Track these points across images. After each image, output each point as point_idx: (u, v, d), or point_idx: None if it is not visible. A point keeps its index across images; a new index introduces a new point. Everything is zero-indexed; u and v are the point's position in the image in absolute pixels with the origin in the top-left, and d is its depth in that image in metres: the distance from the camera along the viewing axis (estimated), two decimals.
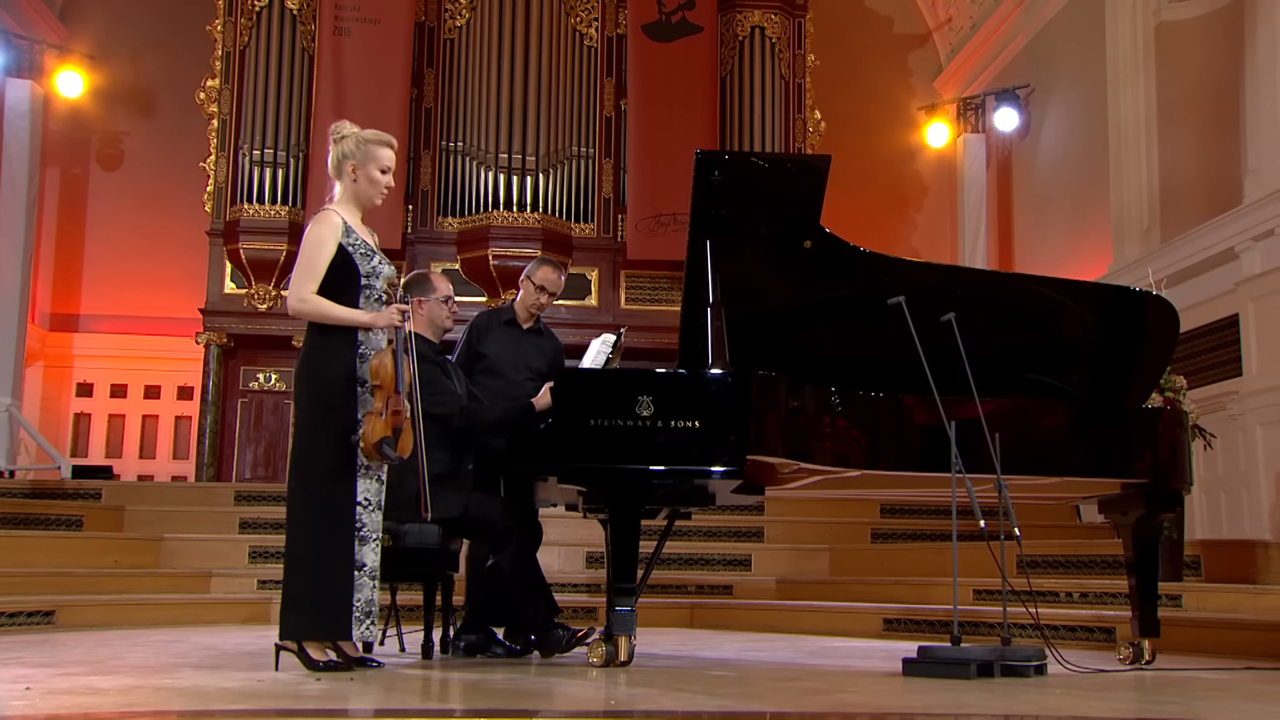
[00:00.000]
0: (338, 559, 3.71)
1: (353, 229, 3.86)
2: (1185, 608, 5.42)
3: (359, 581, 3.75)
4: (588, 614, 6.64)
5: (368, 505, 3.81)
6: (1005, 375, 4.27)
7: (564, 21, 10.76)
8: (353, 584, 3.73)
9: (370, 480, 3.83)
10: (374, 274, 3.85)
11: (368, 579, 3.77)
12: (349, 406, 3.77)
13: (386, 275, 3.87)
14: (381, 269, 3.87)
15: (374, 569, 3.80)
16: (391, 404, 3.74)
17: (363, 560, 3.77)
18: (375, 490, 3.84)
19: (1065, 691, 3.43)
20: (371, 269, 3.85)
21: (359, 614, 3.74)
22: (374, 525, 3.82)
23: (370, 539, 3.80)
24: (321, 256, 3.80)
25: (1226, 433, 6.97)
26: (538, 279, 4.91)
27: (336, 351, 3.81)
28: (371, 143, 3.93)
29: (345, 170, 3.92)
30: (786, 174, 4.23)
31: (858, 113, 11.93)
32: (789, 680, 3.82)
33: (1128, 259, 8.50)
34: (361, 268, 3.83)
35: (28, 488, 8.56)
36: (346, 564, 3.72)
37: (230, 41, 10.39)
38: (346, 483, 3.76)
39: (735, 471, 3.73)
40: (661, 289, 10.59)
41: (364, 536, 3.78)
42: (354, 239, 3.85)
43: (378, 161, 3.92)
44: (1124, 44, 8.78)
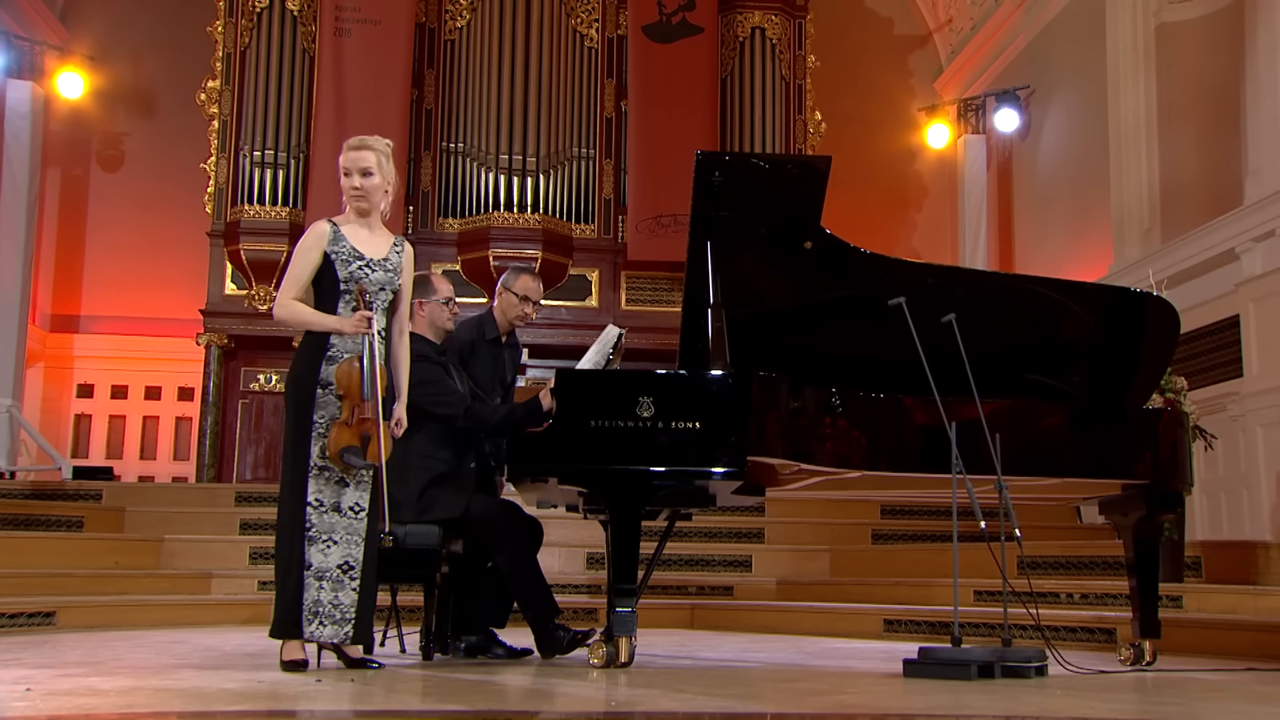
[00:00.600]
0: (291, 559, 3.77)
1: (343, 236, 3.92)
2: (1186, 609, 5.42)
3: (306, 582, 3.76)
4: (588, 615, 6.64)
5: (319, 506, 3.81)
6: (1006, 376, 4.27)
7: (564, 22, 10.76)
8: (302, 584, 3.75)
9: (325, 482, 3.82)
10: (351, 279, 3.88)
11: (313, 579, 3.77)
12: (311, 409, 3.82)
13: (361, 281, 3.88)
14: (360, 274, 3.89)
15: (323, 569, 3.78)
16: (358, 412, 3.77)
17: (310, 560, 3.76)
18: (332, 492, 3.83)
19: (1066, 692, 3.43)
20: (349, 274, 3.88)
21: (307, 614, 3.75)
22: (324, 526, 3.80)
23: (319, 540, 3.79)
24: (303, 264, 3.90)
25: (1227, 434, 6.96)
26: (519, 289, 4.87)
27: (309, 355, 3.88)
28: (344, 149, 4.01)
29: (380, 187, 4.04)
30: (787, 175, 4.23)
31: (858, 114, 11.94)
32: (789, 681, 3.81)
33: (1128, 260, 8.50)
34: (340, 274, 3.88)
35: (28, 489, 8.56)
36: (298, 564, 3.76)
37: (231, 43, 10.39)
38: (301, 484, 3.81)
39: (736, 472, 3.73)
40: (662, 290, 10.59)
41: (312, 537, 3.78)
42: (340, 245, 3.90)
43: (342, 166, 3.99)
44: (1124, 45, 8.78)
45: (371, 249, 3.97)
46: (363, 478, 3.86)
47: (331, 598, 3.78)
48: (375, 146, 4.01)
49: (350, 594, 3.80)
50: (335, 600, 3.79)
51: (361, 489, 3.87)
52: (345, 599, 3.80)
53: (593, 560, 7.62)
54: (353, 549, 3.83)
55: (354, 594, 3.81)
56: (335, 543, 3.81)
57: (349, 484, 3.85)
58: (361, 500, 3.87)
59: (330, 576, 3.79)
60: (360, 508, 3.86)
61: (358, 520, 3.85)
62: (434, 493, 4.40)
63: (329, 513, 3.82)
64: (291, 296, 3.90)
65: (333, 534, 3.81)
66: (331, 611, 3.78)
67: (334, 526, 3.82)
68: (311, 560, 3.78)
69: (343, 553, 3.81)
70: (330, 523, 3.82)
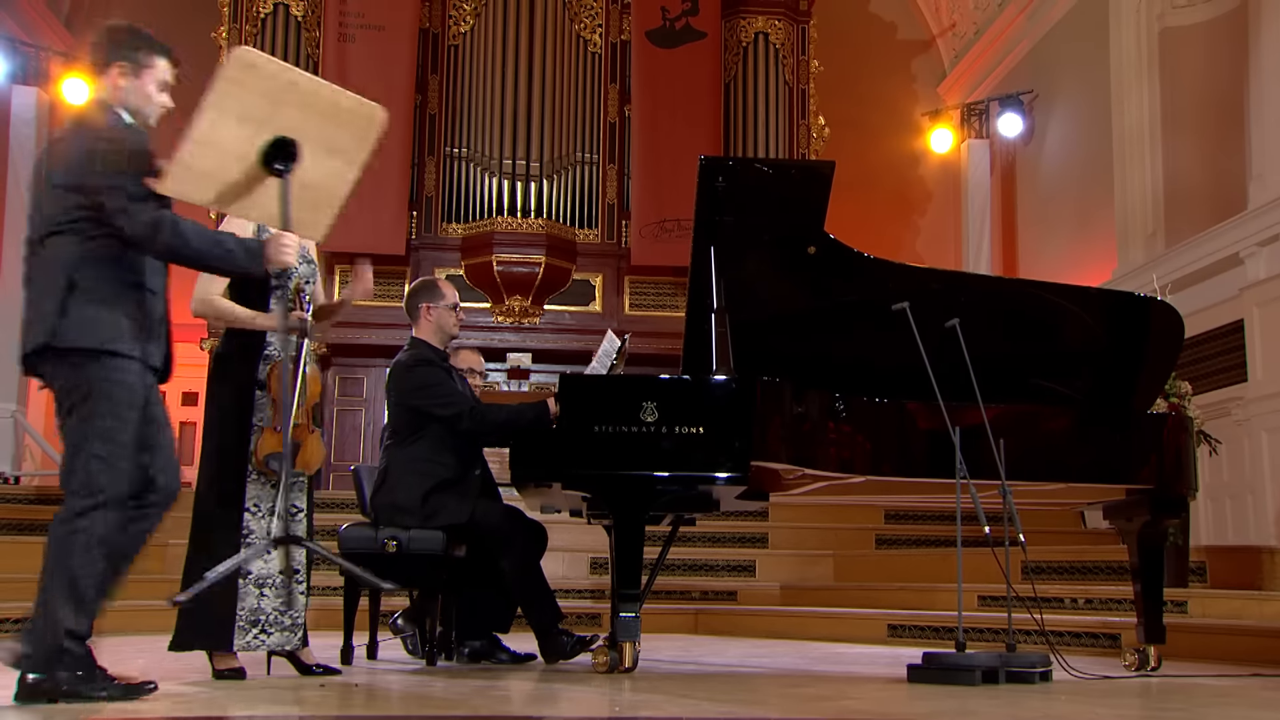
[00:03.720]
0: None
1: (266, 228, 3.66)
2: (1190, 614, 5.41)
3: (244, 589, 3.65)
4: (592, 620, 6.64)
5: (256, 512, 3.71)
6: (1009, 381, 4.27)
7: (568, 28, 10.78)
8: (237, 592, 3.63)
9: (261, 486, 3.73)
10: (285, 275, 3.66)
11: (254, 587, 3.68)
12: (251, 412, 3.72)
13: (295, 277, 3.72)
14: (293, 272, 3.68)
15: (264, 577, 3.69)
16: (278, 417, 3.66)
17: (246, 568, 3.64)
18: (269, 496, 3.73)
19: (1070, 698, 3.42)
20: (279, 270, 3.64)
21: (243, 623, 3.64)
22: (263, 531, 3.69)
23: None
24: None
25: (1232, 438, 6.96)
26: (461, 363, 4.94)
27: (245, 354, 3.77)
28: None
29: None
30: (790, 180, 4.22)
31: (862, 118, 11.94)
32: (793, 686, 3.81)
33: (1132, 264, 8.49)
34: None
35: (33, 493, 8.57)
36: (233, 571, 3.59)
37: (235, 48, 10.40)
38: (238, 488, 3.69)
39: (740, 477, 3.73)
40: (665, 295, 10.60)
41: (250, 543, 3.66)
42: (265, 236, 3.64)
43: None
44: (1128, 50, 8.79)
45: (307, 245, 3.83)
46: (297, 477, 3.76)
47: (277, 605, 3.68)
48: None
49: (299, 599, 3.71)
50: (282, 607, 3.69)
51: (297, 490, 3.77)
52: (293, 605, 3.70)
53: (596, 565, 7.62)
54: (296, 553, 3.66)
55: (303, 598, 3.74)
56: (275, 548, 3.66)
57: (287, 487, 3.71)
58: (299, 501, 3.77)
59: (274, 583, 3.68)
60: (298, 508, 3.77)
61: (295, 523, 3.72)
62: (438, 498, 4.39)
63: (266, 517, 3.71)
64: (218, 291, 3.73)
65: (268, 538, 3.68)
66: (279, 619, 3.69)
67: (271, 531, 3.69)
68: (249, 567, 3.64)
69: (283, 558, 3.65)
70: (267, 527, 3.70)
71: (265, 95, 3.25)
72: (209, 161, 3.24)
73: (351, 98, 3.48)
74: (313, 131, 3.32)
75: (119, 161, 3.14)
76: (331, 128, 3.38)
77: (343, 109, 3.42)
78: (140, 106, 3.36)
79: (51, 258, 3.12)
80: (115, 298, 3.14)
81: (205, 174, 3.24)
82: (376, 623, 4.91)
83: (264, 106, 3.24)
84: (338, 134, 3.40)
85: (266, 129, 3.25)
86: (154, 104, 3.38)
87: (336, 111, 3.40)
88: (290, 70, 3.37)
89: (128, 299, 3.17)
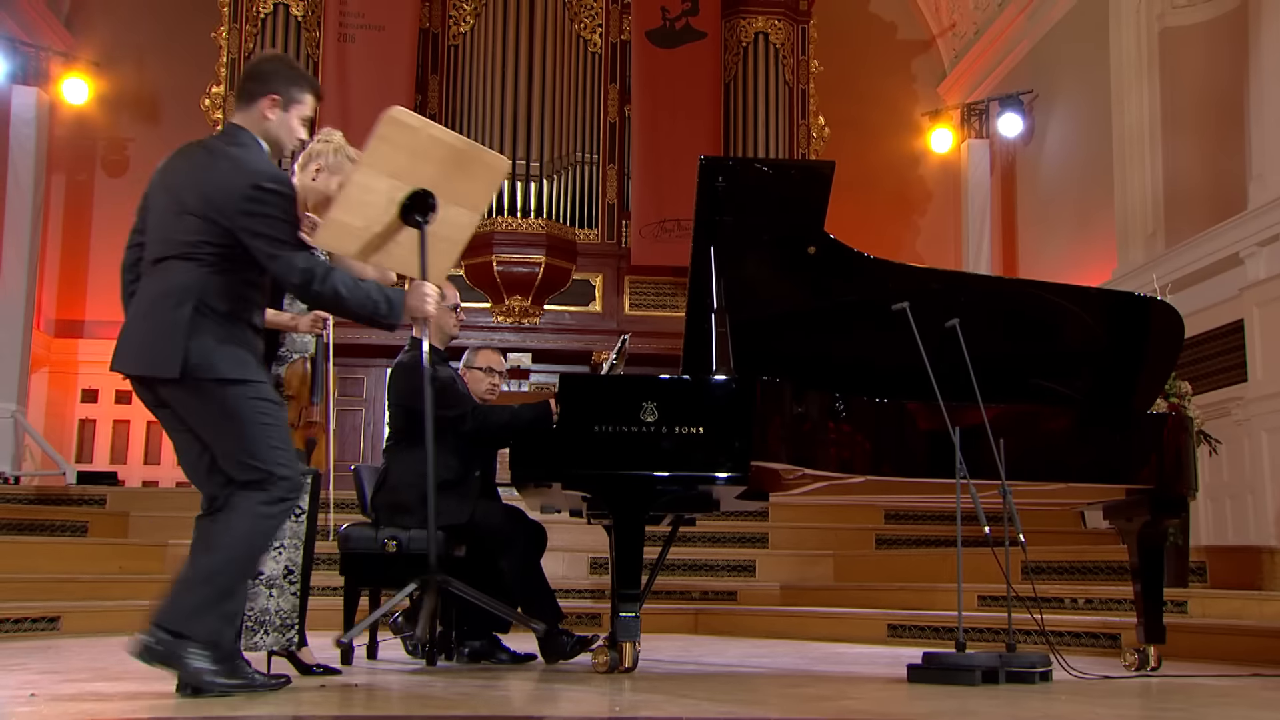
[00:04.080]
0: None
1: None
2: (1191, 614, 5.41)
3: (255, 590, 3.64)
4: (592, 620, 6.64)
5: None
6: (1009, 381, 4.27)
7: (568, 28, 10.78)
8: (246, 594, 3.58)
9: None
10: None
11: (264, 587, 3.66)
12: None
13: None
14: None
15: (272, 577, 3.67)
16: (305, 415, 3.66)
17: (259, 568, 3.61)
18: None
19: (1070, 698, 3.42)
20: None
21: (251, 624, 3.63)
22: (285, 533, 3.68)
23: (268, 547, 3.61)
24: None
25: (1232, 438, 6.96)
26: (482, 363, 4.81)
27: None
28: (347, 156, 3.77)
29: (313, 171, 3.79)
30: (790, 180, 4.22)
31: (862, 118, 11.94)
32: (793, 686, 3.81)
33: (1132, 264, 8.50)
34: None
35: (33, 494, 8.57)
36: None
37: (235, 48, 10.42)
38: None
39: (740, 477, 3.73)
40: (665, 295, 10.60)
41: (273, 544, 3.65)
42: None
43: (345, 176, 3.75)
44: (1128, 50, 8.79)
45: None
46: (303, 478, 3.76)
47: (274, 605, 3.69)
48: None
49: (291, 599, 3.71)
50: (276, 607, 3.69)
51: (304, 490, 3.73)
52: (286, 604, 3.70)
53: (596, 565, 7.62)
54: (293, 553, 3.72)
55: (294, 599, 3.73)
56: (283, 548, 3.70)
57: None
58: (302, 503, 3.75)
59: (277, 584, 3.69)
60: (301, 509, 3.75)
61: (298, 524, 3.73)
62: (439, 499, 4.39)
63: None
64: None
65: (281, 540, 3.68)
66: (273, 619, 3.68)
67: (282, 533, 3.68)
68: (261, 568, 3.64)
69: (286, 558, 3.70)
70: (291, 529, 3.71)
71: (409, 151, 3.41)
72: (356, 217, 3.39)
73: (480, 149, 3.66)
74: (445, 183, 3.48)
75: (283, 210, 3.18)
76: (462, 179, 3.54)
77: (472, 160, 3.60)
78: (282, 140, 3.38)
79: (175, 283, 3.14)
80: (239, 330, 3.20)
81: (352, 228, 3.41)
82: (376, 623, 4.91)
83: (406, 162, 3.41)
84: (467, 184, 3.57)
85: (406, 182, 3.41)
86: (294, 138, 3.41)
87: (467, 163, 3.57)
88: (431, 126, 3.53)
89: (247, 331, 3.24)
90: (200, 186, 3.19)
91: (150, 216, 3.28)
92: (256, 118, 3.33)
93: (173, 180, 3.28)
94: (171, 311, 3.12)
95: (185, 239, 3.16)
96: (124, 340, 3.21)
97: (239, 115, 3.36)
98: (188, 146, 3.41)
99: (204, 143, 3.38)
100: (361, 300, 3.24)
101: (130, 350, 3.19)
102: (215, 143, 3.33)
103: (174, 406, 3.22)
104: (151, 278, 3.20)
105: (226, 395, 3.14)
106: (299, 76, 3.41)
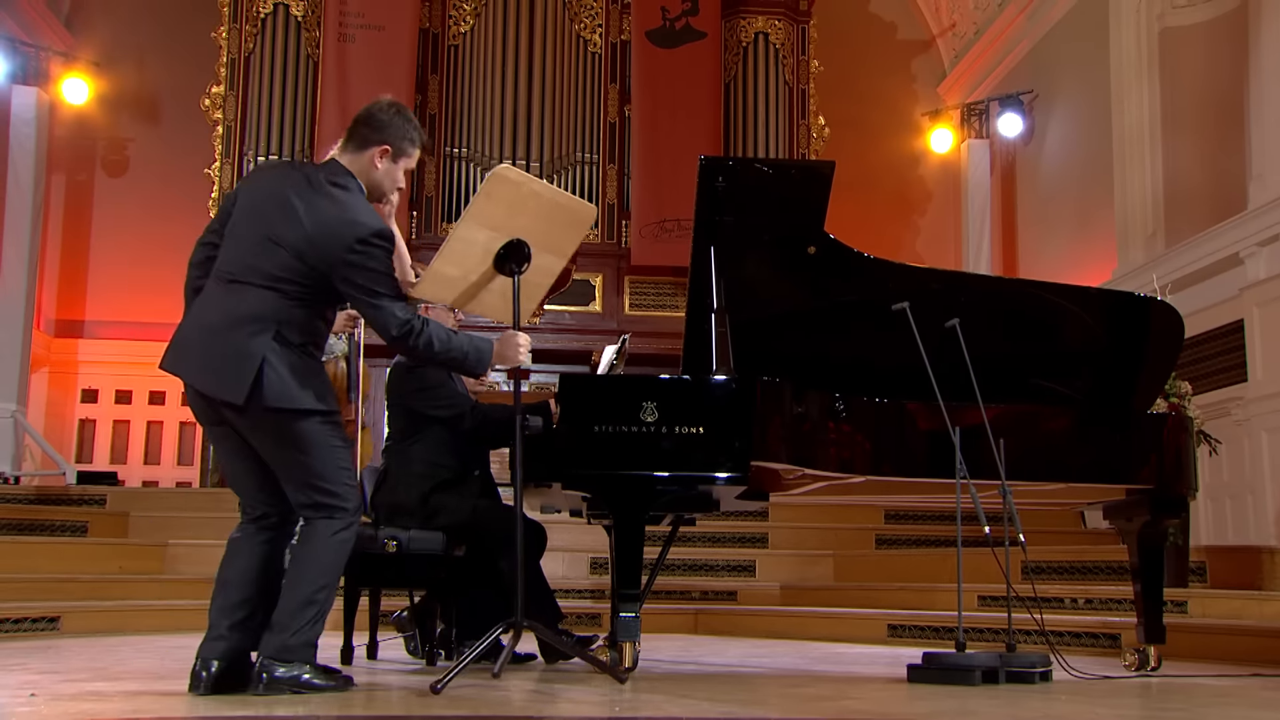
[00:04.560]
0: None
1: None
2: (1191, 614, 5.41)
3: None
4: (592, 620, 6.64)
5: None
6: (1009, 381, 4.27)
7: (568, 28, 10.79)
8: None
9: None
10: None
11: None
12: None
13: None
14: None
15: None
16: (343, 414, 3.67)
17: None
18: None
19: (1070, 698, 3.42)
20: None
21: None
22: None
23: None
24: None
25: (1232, 438, 6.96)
26: None
27: None
28: None
29: None
30: (790, 180, 4.22)
31: (862, 118, 11.94)
32: (793, 687, 3.81)
33: (1132, 264, 8.50)
34: None
35: (33, 494, 8.57)
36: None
37: (235, 48, 10.42)
38: None
39: (740, 478, 3.73)
40: (665, 294, 10.59)
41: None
42: None
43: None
44: (1128, 49, 8.79)
45: None
46: None
47: None
48: None
49: None
50: None
51: None
52: None
53: (596, 565, 7.62)
54: None
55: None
56: None
57: None
58: None
59: None
60: None
61: None
62: (438, 499, 4.40)
63: None
64: None
65: None
66: None
67: None
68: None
69: None
70: None
71: (508, 205, 3.55)
72: (456, 267, 3.54)
73: (571, 199, 3.81)
74: (538, 234, 3.61)
75: (385, 263, 3.24)
76: (553, 228, 3.68)
77: (564, 209, 3.72)
78: (384, 188, 3.43)
79: (253, 310, 3.16)
80: (311, 360, 3.25)
81: (451, 278, 3.57)
82: (376, 623, 4.92)
83: (505, 215, 3.54)
84: (557, 233, 3.70)
85: (503, 234, 3.56)
86: (395, 189, 3.46)
87: (559, 213, 3.70)
88: (532, 181, 3.67)
89: (317, 360, 3.29)
90: (301, 224, 3.20)
91: (235, 230, 3.28)
92: (365, 164, 3.36)
93: (266, 206, 3.27)
94: (249, 339, 3.14)
95: (272, 271, 3.18)
96: (188, 348, 3.24)
97: (346, 156, 3.37)
98: (284, 168, 3.43)
99: (306, 173, 3.35)
100: (454, 353, 3.32)
101: (196, 363, 3.22)
102: (318, 177, 3.31)
103: (236, 428, 3.25)
104: (226, 294, 3.21)
105: (304, 426, 3.18)
106: (413, 130, 3.45)
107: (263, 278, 3.19)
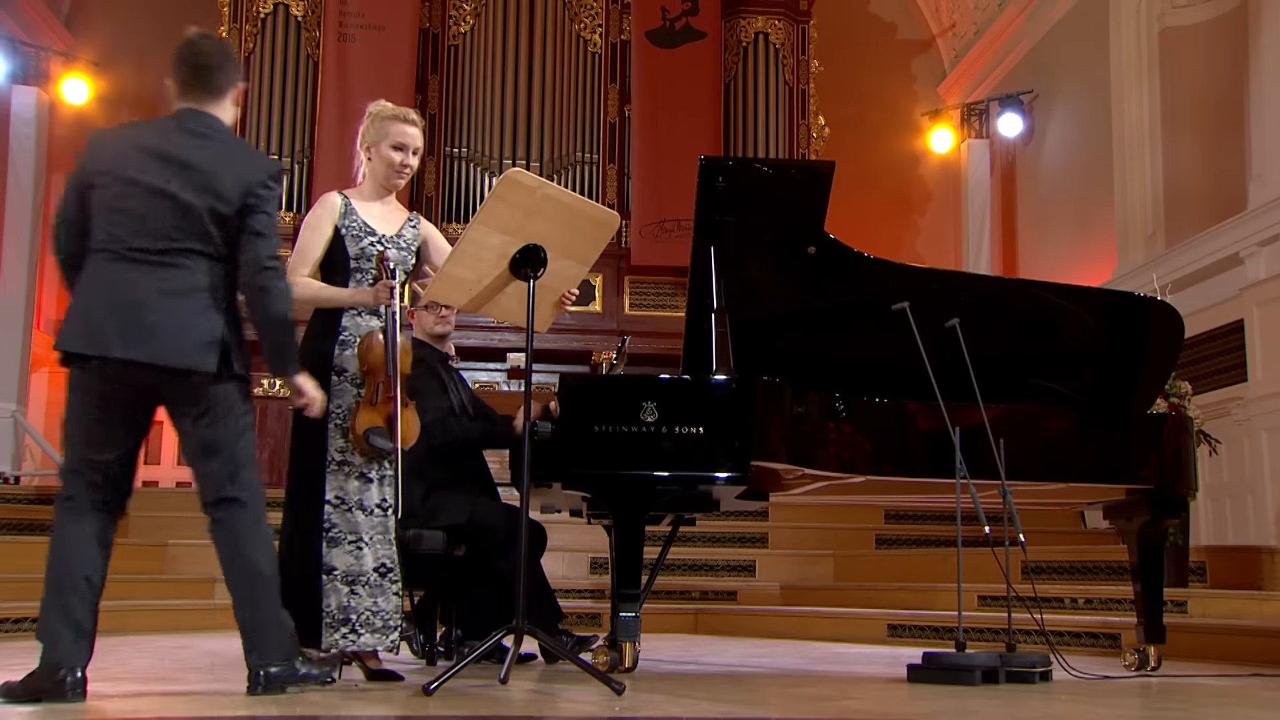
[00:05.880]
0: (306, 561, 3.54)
1: (354, 210, 3.69)
2: (1191, 614, 5.41)
3: (329, 586, 3.53)
4: (592, 620, 6.64)
5: (340, 505, 3.57)
6: (1009, 381, 4.27)
7: (568, 28, 10.78)
8: (320, 588, 3.52)
9: (345, 478, 3.59)
10: (363, 255, 3.66)
11: (341, 584, 3.53)
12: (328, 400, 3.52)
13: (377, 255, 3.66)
14: (373, 250, 3.66)
15: (356, 574, 3.54)
16: (384, 389, 3.57)
17: (331, 564, 3.54)
18: (355, 489, 3.59)
19: (1070, 698, 3.42)
20: (360, 250, 3.65)
21: (330, 620, 3.52)
22: (348, 526, 3.56)
23: (343, 541, 3.55)
24: (314, 239, 3.66)
25: (1232, 438, 6.96)
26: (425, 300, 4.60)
27: (320, 340, 3.66)
28: (386, 119, 3.78)
29: (363, 150, 3.81)
30: (790, 180, 4.22)
31: (862, 118, 11.94)
32: (794, 686, 3.81)
33: (1132, 264, 8.49)
34: (350, 250, 3.66)
35: (32, 493, 8.57)
36: (315, 567, 3.53)
37: (235, 48, 10.41)
38: (317, 480, 3.57)
39: (740, 477, 3.73)
40: (666, 294, 10.59)
41: (334, 538, 3.55)
42: (351, 220, 3.67)
43: (390, 138, 3.76)
44: (1128, 50, 8.78)
45: (384, 225, 3.75)
46: (384, 470, 3.63)
47: (370, 604, 3.55)
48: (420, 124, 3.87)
49: (393, 599, 3.58)
50: (375, 607, 3.55)
51: (386, 484, 3.64)
52: (387, 604, 3.58)
53: (596, 565, 7.62)
54: (387, 549, 3.59)
55: (396, 598, 3.60)
56: (366, 544, 3.56)
57: (372, 479, 3.60)
58: (388, 496, 3.63)
59: (367, 581, 3.55)
60: (387, 504, 3.63)
61: (386, 518, 3.62)
62: (438, 499, 4.40)
63: (352, 511, 3.57)
64: (305, 274, 3.63)
65: (360, 534, 3.56)
66: (370, 619, 3.55)
67: (359, 526, 3.57)
68: (335, 564, 3.53)
69: (377, 554, 3.57)
70: (354, 522, 3.57)
71: (524, 209, 3.55)
72: (468, 270, 3.57)
73: (593, 207, 3.83)
74: (556, 240, 3.62)
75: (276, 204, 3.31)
76: (573, 235, 3.69)
77: (584, 217, 3.73)
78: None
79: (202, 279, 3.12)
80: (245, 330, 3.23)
81: (464, 280, 3.60)
82: None
83: (521, 219, 3.55)
84: (576, 240, 3.72)
85: (519, 239, 3.57)
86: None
87: (579, 220, 3.71)
88: (547, 185, 3.64)
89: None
90: (200, 172, 3.20)
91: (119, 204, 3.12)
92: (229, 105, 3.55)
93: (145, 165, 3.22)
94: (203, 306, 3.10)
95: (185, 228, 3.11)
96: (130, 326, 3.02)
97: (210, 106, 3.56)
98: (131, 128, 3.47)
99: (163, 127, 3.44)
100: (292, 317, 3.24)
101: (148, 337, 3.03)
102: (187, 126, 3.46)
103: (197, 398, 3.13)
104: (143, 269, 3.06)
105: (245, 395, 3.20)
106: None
107: (188, 241, 3.10)
